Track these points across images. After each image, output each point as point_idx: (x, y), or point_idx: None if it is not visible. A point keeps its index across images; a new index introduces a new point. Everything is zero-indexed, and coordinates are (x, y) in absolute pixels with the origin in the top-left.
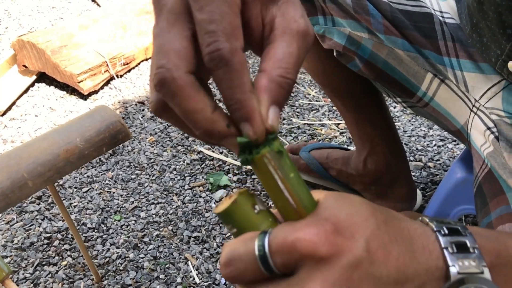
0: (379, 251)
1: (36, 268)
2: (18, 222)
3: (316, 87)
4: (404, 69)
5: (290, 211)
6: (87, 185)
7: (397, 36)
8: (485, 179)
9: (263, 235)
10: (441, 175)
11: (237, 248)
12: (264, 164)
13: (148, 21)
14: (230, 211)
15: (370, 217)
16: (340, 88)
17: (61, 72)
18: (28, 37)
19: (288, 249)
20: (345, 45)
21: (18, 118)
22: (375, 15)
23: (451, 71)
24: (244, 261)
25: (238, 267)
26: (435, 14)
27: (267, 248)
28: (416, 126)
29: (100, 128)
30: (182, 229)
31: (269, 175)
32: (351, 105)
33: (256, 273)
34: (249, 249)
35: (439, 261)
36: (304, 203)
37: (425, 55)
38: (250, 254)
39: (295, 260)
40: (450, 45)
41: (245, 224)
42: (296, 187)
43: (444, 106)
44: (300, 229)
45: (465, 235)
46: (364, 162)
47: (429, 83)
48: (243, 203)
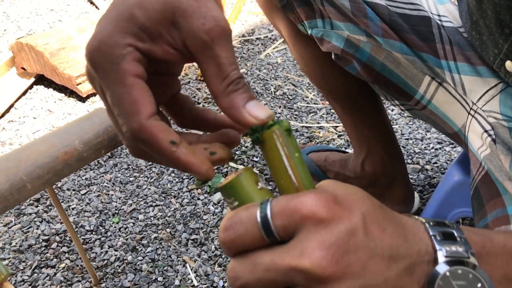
0: (374, 226)
1: (34, 270)
2: (16, 224)
3: (314, 90)
4: (402, 72)
5: (291, 188)
6: (86, 188)
7: (395, 39)
8: (482, 181)
9: (266, 201)
10: (438, 178)
11: (238, 214)
12: (272, 141)
13: None
14: (234, 183)
15: (366, 198)
16: (338, 91)
17: (59, 74)
18: (27, 40)
19: (289, 211)
20: (343, 48)
21: (16, 121)
22: (373, 18)
23: (448, 74)
24: (245, 224)
25: (237, 230)
26: (433, 18)
27: (269, 211)
28: (414, 129)
29: (98, 130)
30: (180, 231)
31: (276, 151)
32: (349, 107)
33: (255, 237)
34: (251, 213)
35: (429, 247)
36: (305, 182)
37: (423, 58)
38: (252, 217)
39: (295, 222)
40: (448, 48)
41: (247, 198)
42: (299, 166)
43: (441, 109)
44: (302, 195)
45: (452, 228)
46: (361, 165)
47: (427, 86)
48: (247, 178)
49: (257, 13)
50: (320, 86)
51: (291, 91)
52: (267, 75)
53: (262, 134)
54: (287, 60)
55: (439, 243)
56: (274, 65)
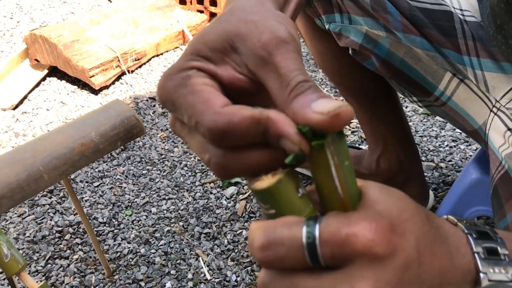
0: (426, 252)
1: (48, 261)
2: (30, 215)
3: (327, 86)
4: (421, 68)
5: (335, 199)
6: (99, 180)
7: (415, 34)
8: (500, 180)
9: (312, 221)
10: (453, 175)
11: (279, 231)
12: (323, 148)
13: (159, 16)
14: (273, 190)
15: (416, 212)
16: (355, 87)
17: (72, 66)
18: (41, 31)
19: (341, 241)
20: (361, 44)
21: (29, 112)
22: (393, 13)
23: (471, 70)
24: (287, 246)
25: (278, 252)
26: (455, 12)
27: (317, 236)
28: (428, 126)
29: (115, 122)
30: (193, 225)
31: (325, 159)
32: (366, 104)
33: (298, 261)
34: (295, 235)
35: (471, 265)
36: (351, 193)
37: (444, 54)
38: (296, 240)
39: (346, 255)
40: (470, 44)
41: (287, 207)
42: (347, 176)
43: (462, 105)
44: (356, 223)
45: (496, 240)
46: (377, 161)
47: (448, 82)
48: (288, 184)
49: None
50: (337, 82)
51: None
52: None
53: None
54: None
55: (483, 264)
56: None
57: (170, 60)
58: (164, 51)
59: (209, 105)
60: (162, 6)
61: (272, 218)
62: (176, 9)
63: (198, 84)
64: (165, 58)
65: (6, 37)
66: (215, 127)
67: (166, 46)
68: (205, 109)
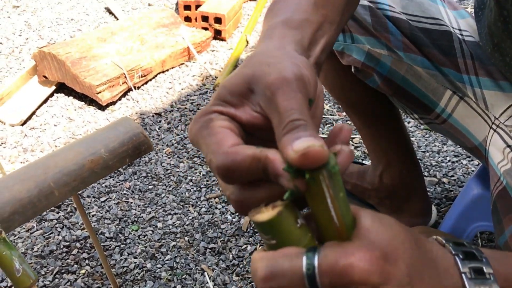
0: (417, 277)
1: (56, 276)
2: (38, 230)
3: (330, 101)
4: (423, 86)
5: (331, 228)
6: (105, 195)
7: (416, 53)
8: (499, 196)
9: (311, 253)
10: (455, 191)
11: (280, 263)
12: (318, 181)
13: (165, 34)
14: (273, 221)
15: (406, 239)
16: (357, 104)
17: (80, 83)
18: (49, 49)
19: (339, 272)
20: (364, 62)
21: (37, 128)
22: (394, 32)
23: (470, 88)
24: (289, 277)
25: (280, 283)
26: (454, 32)
27: (316, 267)
28: (430, 141)
29: (123, 139)
30: (199, 240)
31: (320, 192)
32: (368, 120)
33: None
34: (296, 266)
35: (459, 285)
36: (346, 222)
37: (444, 73)
38: (297, 272)
39: (343, 284)
40: (469, 63)
41: (287, 237)
42: (342, 207)
43: (462, 122)
44: (352, 254)
45: (481, 260)
46: (380, 177)
47: (448, 100)
48: (288, 216)
49: None
50: (339, 99)
51: None
52: None
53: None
54: None
55: (470, 284)
56: None
57: (175, 76)
58: (169, 67)
59: (220, 145)
60: (168, 24)
61: (273, 248)
62: (181, 27)
63: (217, 126)
64: (170, 74)
65: (15, 54)
66: (222, 165)
67: (171, 62)
68: (217, 149)
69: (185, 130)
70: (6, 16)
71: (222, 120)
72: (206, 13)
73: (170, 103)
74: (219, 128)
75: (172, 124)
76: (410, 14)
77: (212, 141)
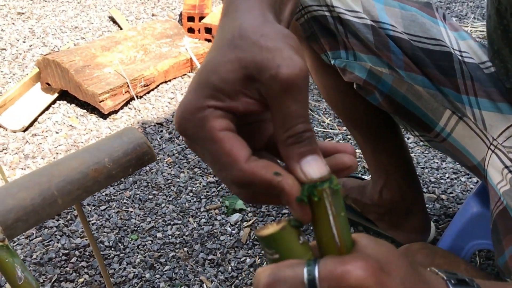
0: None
1: (54, 284)
2: (37, 237)
3: (330, 115)
4: (423, 105)
5: (332, 247)
6: (105, 204)
7: (417, 73)
8: (499, 215)
9: (312, 262)
10: (454, 208)
11: (282, 272)
12: (322, 199)
13: (168, 44)
14: (278, 236)
15: (401, 257)
16: (358, 120)
17: (83, 91)
18: (53, 56)
19: (337, 278)
20: (365, 79)
21: (39, 135)
22: (396, 52)
23: (469, 109)
24: (290, 283)
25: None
26: (455, 54)
27: (316, 274)
28: (429, 158)
29: (127, 149)
30: (198, 251)
31: (323, 210)
32: (369, 136)
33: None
34: (297, 274)
35: None
36: (346, 242)
37: (444, 93)
38: (298, 279)
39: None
40: (469, 84)
41: (289, 252)
42: (343, 226)
43: (461, 142)
44: (349, 262)
45: (473, 286)
46: (379, 192)
47: (447, 119)
48: (291, 231)
49: None
50: (341, 115)
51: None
52: None
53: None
54: None
55: None
56: None
57: (178, 86)
58: (172, 77)
59: (233, 159)
60: (171, 35)
61: (275, 262)
62: (184, 38)
63: (217, 129)
64: (173, 84)
65: (18, 60)
66: (239, 182)
67: (174, 73)
68: (230, 163)
69: None
70: (11, 23)
71: (219, 119)
72: (210, 24)
73: (172, 113)
74: (221, 133)
75: (173, 134)
76: (412, 34)
77: (219, 152)
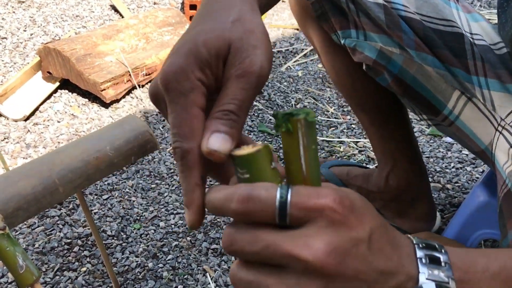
0: (377, 243)
1: (56, 273)
2: (39, 226)
3: (334, 104)
4: (432, 86)
5: (298, 177)
6: (108, 193)
7: (427, 53)
8: (504, 199)
9: (285, 186)
10: (459, 197)
11: (257, 190)
12: (295, 128)
13: (170, 33)
14: (252, 157)
15: (378, 216)
16: (368, 102)
17: (84, 80)
18: (54, 45)
19: (308, 205)
20: (375, 59)
21: (40, 124)
22: (407, 31)
23: (478, 89)
24: (263, 202)
25: (254, 206)
26: (466, 35)
27: (289, 198)
28: (435, 147)
29: (129, 137)
30: (201, 240)
31: (295, 139)
32: (377, 119)
33: (267, 216)
34: (271, 194)
35: (416, 269)
36: (313, 174)
37: (454, 73)
38: (271, 199)
39: (309, 217)
40: (479, 64)
41: (260, 174)
42: (312, 159)
43: (469, 125)
44: (324, 195)
45: (440, 252)
46: (386, 178)
47: (456, 101)
48: (265, 155)
49: (278, 26)
50: (350, 97)
51: (312, 105)
52: (287, 88)
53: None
54: (308, 74)
55: (423, 266)
56: (295, 78)
57: None
58: None
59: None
60: (173, 23)
61: (244, 181)
62: (186, 26)
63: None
64: None
65: (19, 49)
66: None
67: None
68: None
69: None
70: (11, 11)
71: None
72: None
73: None
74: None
75: None
76: (423, 14)
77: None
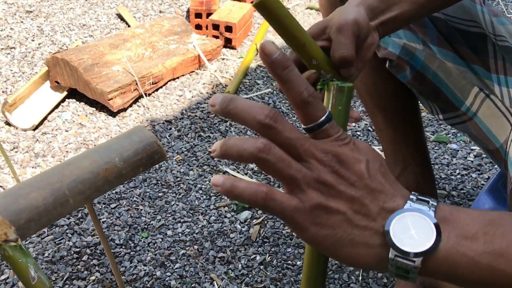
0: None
1: (66, 282)
2: (49, 235)
3: None
4: (451, 82)
5: None
6: (116, 202)
7: (449, 50)
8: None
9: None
10: (464, 204)
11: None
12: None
13: (175, 42)
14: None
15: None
16: (386, 100)
17: (92, 89)
18: (62, 55)
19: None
20: (399, 55)
21: (49, 133)
22: (431, 28)
23: (497, 87)
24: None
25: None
26: (489, 36)
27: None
28: (440, 154)
29: (138, 148)
30: (208, 249)
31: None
32: (392, 120)
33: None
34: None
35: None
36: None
37: (474, 70)
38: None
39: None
40: (500, 63)
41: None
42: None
43: (486, 122)
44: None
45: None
46: None
47: (474, 97)
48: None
49: None
50: (370, 94)
51: None
52: None
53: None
54: None
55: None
56: None
57: (186, 84)
58: (180, 75)
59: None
60: (179, 32)
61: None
62: (192, 35)
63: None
64: (181, 82)
65: (27, 59)
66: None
67: (182, 70)
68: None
69: (195, 138)
70: (19, 21)
71: None
72: (217, 21)
73: (180, 110)
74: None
75: (182, 131)
76: (449, 14)
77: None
